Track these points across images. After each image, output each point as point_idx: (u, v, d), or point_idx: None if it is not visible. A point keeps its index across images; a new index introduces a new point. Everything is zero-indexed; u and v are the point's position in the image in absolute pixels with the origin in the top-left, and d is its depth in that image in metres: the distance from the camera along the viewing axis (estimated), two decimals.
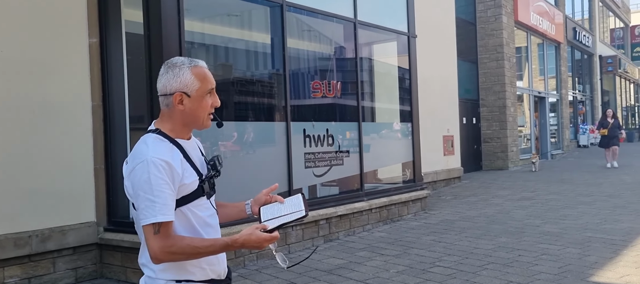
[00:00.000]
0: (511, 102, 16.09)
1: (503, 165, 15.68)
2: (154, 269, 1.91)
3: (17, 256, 4.89)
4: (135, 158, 1.87)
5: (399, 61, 8.91)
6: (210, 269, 1.97)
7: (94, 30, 5.51)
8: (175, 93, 1.91)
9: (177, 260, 1.87)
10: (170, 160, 1.85)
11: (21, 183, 4.90)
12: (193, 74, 1.92)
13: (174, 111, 1.94)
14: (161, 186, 1.80)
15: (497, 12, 15.75)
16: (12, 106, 4.87)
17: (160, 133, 1.94)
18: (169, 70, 1.93)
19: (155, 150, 1.85)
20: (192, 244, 1.85)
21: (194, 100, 1.93)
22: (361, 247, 6.42)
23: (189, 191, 1.91)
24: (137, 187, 1.83)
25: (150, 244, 1.82)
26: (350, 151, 7.45)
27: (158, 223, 1.80)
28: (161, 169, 1.81)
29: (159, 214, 1.79)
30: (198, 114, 1.95)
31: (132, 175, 1.85)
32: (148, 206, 1.80)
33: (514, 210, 8.62)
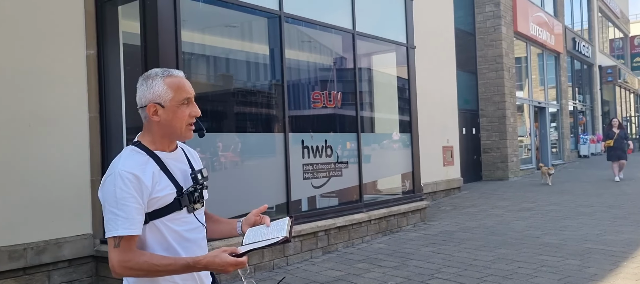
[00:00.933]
0: (511, 112, 16.07)
1: (503, 175, 15.63)
2: (130, 281, 1.91)
3: (12, 268, 4.84)
4: (109, 170, 1.87)
5: (398, 72, 8.91)
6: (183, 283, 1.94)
7: (91, 41, 5.51)
8: (149, 104, 1.89)
9: (135, 276, 1.85)
10: (140, 173, 1.84)
11: (16, 195, 4.87)
12: (166, 84, 1.90)
13: (151, 122, 1.93)
14: (126, 200, 1.79)
15: (496, 23, 15.78)
16: (8, 116, 4.85)
17: (140, 145, 1.93)
18: (144, 82, 1.93)
19: (126, 163, 1.85)
20: (150, 261, 1.81)
21: (169, 110, 1.90)
22: (360, 259, 6.38)
23: (163, 204, 1.88)
24: (104, 200, 1.84)
25: (110, 257, 1.81)
26: (349, 162, 7.42)
27: (118, 237, 1.78)
28: (127, 183, 1.80)
29: (121, 228, 1.78)
30: (174, 124, 1.93)
31: (102, 187, 1.86)
32: (111, 218, 1.80)
33: (513, 221, 8.57)
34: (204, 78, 6.60)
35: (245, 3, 6.14)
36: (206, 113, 6.35)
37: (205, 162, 5.74)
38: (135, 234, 1.81)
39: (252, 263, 5.82)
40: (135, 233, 1.81)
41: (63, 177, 5.21)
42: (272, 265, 6.04)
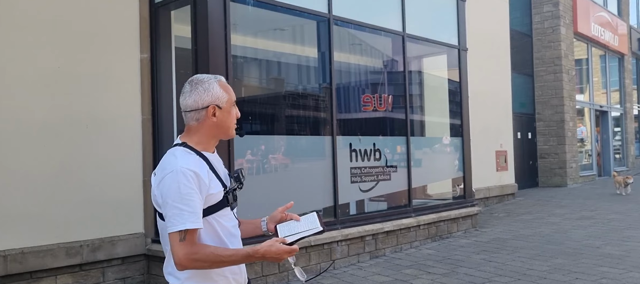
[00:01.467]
0: (570, 116, 15.43)
1: (561, 182, 15.01)
2: (179, 277, 1.97)
3: (69, 264, 5.04)
4: (165, 169, 1.94)
5: (449, 74, 8.72)
6: (233, 278, 2.04)
7: (145, 45, 5.67)
8: (209, 106, 2.00)
9: (200, 268, 1.92)
10: (198, 170, 1.93)
11: (73, 194, 5.06)
12: (221, 87, 2.04)
13: (204, 123, 2.02)
14: (190, 195, 1.87)
15: (555, 24, 15.20)
16: (67, 118, 5.06)
17: (187, 146, 2.01)
18: (197, 86, 2.02)
19: (184, 161, 1.92)
20: (216, 253, 1.91)
21: (224, 111, 2.04)
22: (408, 264, 6.26)
23: (215, 201, 1.98)
24: (166, 196, 1.89)
25: (175, 251, 1.87)
26: (398, 166, 7.31)
27: (184, 230, 1.86)
28: (190, 179, 1.88)
29: (188, 222, 1.85)
30: (228, 124, 2.06)
31: (162, 185, 1.92)
32: (176, 213, 1.85)
33: (572, 230, 8.19)
34: (252, 81, 6.67)
35: (294, 6, 6.16)
36: (255, 115, 6.42)
37: (256, 164, 5.80)
38: (200, 227, 1.90)
39: (298, 266, 5.81)
40: (200, 226, 1.90)
41: (117, 177, 5.38)
42: (318, 268, 6.02)
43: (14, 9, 4.82)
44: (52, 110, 4.97)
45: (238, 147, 5.42)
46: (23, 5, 4.86)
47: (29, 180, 4.81)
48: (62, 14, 5.08)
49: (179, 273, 1.96)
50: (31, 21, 4.90)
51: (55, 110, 4.99)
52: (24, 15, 4.87)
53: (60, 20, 5.07)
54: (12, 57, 4.78)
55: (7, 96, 4.73)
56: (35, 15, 4.92)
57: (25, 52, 4.85)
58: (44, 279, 4.91)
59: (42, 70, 4.94)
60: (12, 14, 4.80)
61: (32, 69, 4.88)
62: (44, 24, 4.97)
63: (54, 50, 5.01)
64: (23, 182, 4.78)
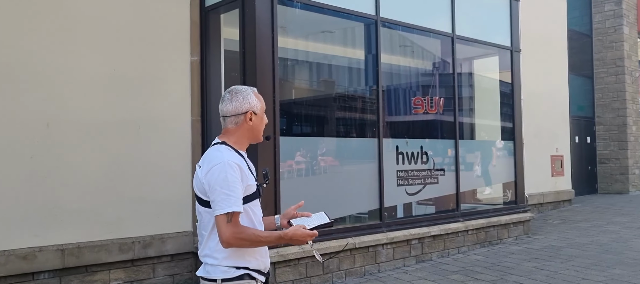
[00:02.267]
0: (633, 120, 14.69)
1: (622, 189, 14.31)
2: (217, 257, 2.27)
3: (122, 260, 5.24)
4: (212, 161, 2.24)
5: (501, 76, 8.49)
6: (261, 260, 2.35)
7: (195, 48, 5.83)
8: (248, 112, 2.35)
9: (242, 246, 2.23)
10: (241, 164, 2.26)
11: (126, 192, 5.26)
12: (256, 97, 2.39)
13: (242, 127, 2.37)
14: (235, 184, 2.19)
15: (617, 23, 14.52)
16: (120, 119, 5.27)
17: (227, 145, 2.34)
18: (237, 95, 2.36)
19: (229, 155, 2.26)
20: (256, 233, 2.23)
21: (258, 117, 2.40)
22: (455, 270, 6.13)
23: (250, 191, 2.30)
24: (215, 184, 2.18)
25: (222, 231, 2.17)
26: (446, 169, 7.18)
27: (231, 213, 2.16)
28: (236, 169, 2.21)
29: (234, 206, 2.16)
30: (260, 128, 2.43)
31: (210, 174, 2.20)
32: (224, 199, 2.16)
33: (632, 239, 7.79)
34: (299, 83, 6.72)
35: (341, 8, 6.17)
36: (301, 117, 6.47)
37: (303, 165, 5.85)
38: (242, 211, 2.22)
39: (343, 268, 5.81)
40: (242, 210, 2.21)
41: (167, 177, 5.55)
42: (363, 271, 5.99)
43: (72, 14, 5.06)
44: (107, 111, 5.19)
45: (284, 149, 5.48)
46: (80, 10, 5.10)
47: (85, 178, 5.04)
48: (116, 19, 5.30)
49: (217, 253, 2.26)
50: (88, 26, 5.13)
51: (109, 111, 5.20)
52: (81, 20, 5.10)
53: (115, 25, 5.28)
54: (71, 61, 5.02)
55: (66, 98, 4.97)
56: (91, 20, 5.16)
57: (83, 57, 5.09)
58: (98, 273, 5.13)
59: (98, 73, 5.16)
60: (69, 19, 5.05)
61: (89, 72, 5.11)
62: (100, 29, 5.20)
63: (109, 54, 5.23)
64: (80, 180, 5.01)
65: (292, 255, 5.31)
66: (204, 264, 2.31)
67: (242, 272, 2.26)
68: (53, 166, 4.88)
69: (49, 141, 4.87)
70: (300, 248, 5.35)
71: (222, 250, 2.24)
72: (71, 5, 5.06)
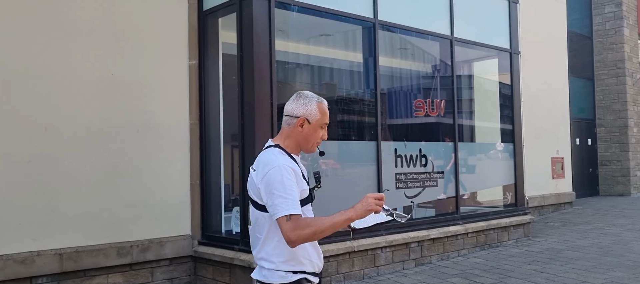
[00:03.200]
0: (634, 122, 14.66)
1: (624, 191, 14.27)
2: (274, 261, 2.26)
3: (120, 264, 5.24)
4: (267, 165, 2.23)
5: (500, 79, 8.48)
6: (316, 263, 2.34)
7: (193, 52, 5.83)
8: (300, 117, 2.32)
9: (308, 237, 2.17)
10: (295, 168, 2.26)
11: (124, 196, 5.26)
12: (317, 108, 2.34)
13: (293, 131, 2.34)
14: (292, 187, 2.18)
15: (617, 25, 14.51)
16: (119, 123, 5.27)
17: (280, 147, 2.33)
18: (300, 98, 2.35)
19: (283, 159, 2.26)
20: (315, 219, 2.20)
21: (312, 127, 2.34)
22: (454, 273, 6.11)
23: (303, 196, 2.28)
24: (272, 188, 2.18)
25: (285, 231, 2.15)
26: (446, 172, 7.17)
27: (290, 215, 2.14)
28: (291, 174, 2.21)
29: (292, 208, 2.15)
30: (310, 139, 2.36)
31: (266, 178, 2.20)
32: (281, 202, 2.15)
33: (633, 241, 7.76)
34: (297, 86, 6.71)
35: (339, 11, 6.17)
36: None
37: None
38: (301, 213, 2.19)
39: (342, 271, 5.80)
40: (301, 213, 2.19)
41: (166, 180, 5.55)
42: (362, 275, 5.98)
43: (70, 18, 5.07)
44: (105, 115, 5.19)
45: None
46: (78, 14, 5.11)
47: (83, 182, 5.04)
48: (114, 23, 5.31)
49: (274, 258, 2.25)
50: (86, 29, 5.14)
51: (108, 115, 5.21)
52: (79, 23, 5.11)
53: (112, 29, 5.29)
54: (68, 65, 5.03)
55: (64, 102, 4.98)
56: (89, 23, 5.17)
57: (80, 60, 5.09)
58: (96, 277, 5.12)
59: (96, 77, 5.17)
60: (67, 23, 5.06)
61: (86, 76, 5.12)
62: (98, 33, 5.21)
63: (107, 58, 5.24)
64: (78, 184, 5.01)
65: None
66: (260, 268, 2.30)
67: (300, 276, 2.27)
68: (51, 170, 4.88)
69: (46, 145, 4.87)
70: None
71: (279, 254, 2.25)
72: (68, 10, 5.07)
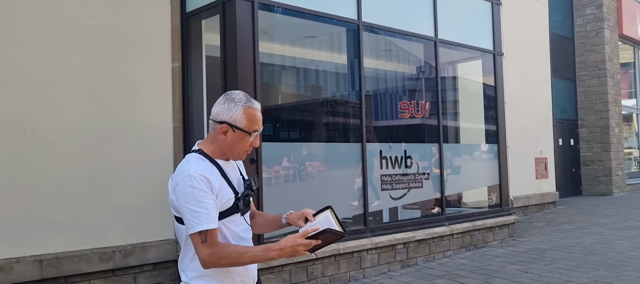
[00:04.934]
0: (616, 122, 14.85)
1: (606, 190, 14.45)
2: (188, 275, 2.09)
3: (102, 270, 5.15)
4: (179, 174, 2.05)
5: (484, 80, 8.53)
6: (240, 279, 2.13)
7: (176, 54, 5.76)
8: (223, 124, 2.08)
9: (224, 265, 2.03)
10: (209, 176, 2.02)
11: (106, 200, 5.18)
12: (244, 113, 2.08)
13: (217, 137, 2.12)
14: (204, 197, 1.97)
15: (598, 26, 14.69)
16: (100, 126, 5.19)
17: (202, 153, 2.12)
18: (227, 101, 2.10)
19: (197, 167, 2.04)
20: (237, 250, 2.02)
21: (237, 135, 2.09)
22: (440, 274, 6.12)
23: (225, 207, 2.07)
24: (182, 200, 1.99)
25: (199, 252, 1.98)
26: (431, 173, 7.18)
27: (204, 231, 1.96)
28: (202, 183, 1.98)
29: (204, 223, 1.96)
30: (234, 148, 2.12)
31: (177, 189, 2.02)
32: (194, 216, 1.96)
33: (616, 240, 7.85)
34: (281, 88, 6.69)
35: (323, 13, 6.16)
36: (283, 123, 6.43)
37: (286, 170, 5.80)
38: (217, 227, 2.00)
39: (327, 274, 5.77)
40: (217, 226, 2.00)
41: (149, 184, 5.47)
42: (348, 277, 5.96)
43: (50, 19, 4.98)
44: (87, 118, 5.11)
45: (267, 154, 5.44)
46: (58, 16, 5.03)
47: (63, 186, 4.95)
48: (96, 25, 5.22)
49: (188, 271, 2.09)
50: (66, 31, 5.05)
51: (89, 118, 5.12)
52: (59, 25, 5.03)
53: (94, 30, 5.21)
54: (48, 66, 4.94)
55: (44, 105, 4.89)
56: (70, 25, 5.08)
57: (60, 61, 5.00)
58: None
59: (76, 79, 5.08)
60: (47, 25, 4.97)
61: (67, 77, 5.03)
62: (79, 34, 5.12)
63: (88, 60, 5.16)
64: (58, 188, 4.92)
65: (276, 262, 5.26)
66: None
67: None
68: (31, 175, 4.79)
69: (26, 149, 4.78)
70: None
71: (193, 268, 2.06)
72: (48, 12, 4.98)
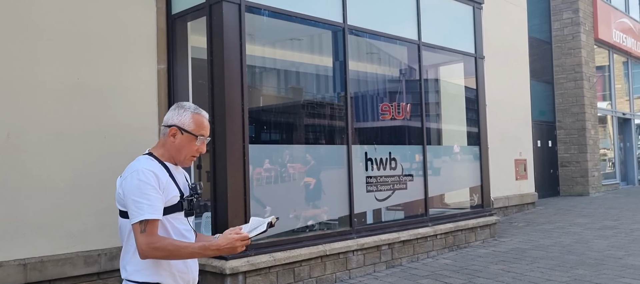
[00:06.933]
0: (591, 124, 15.19)
1: (583, 191, 14.76)
2: (127, 269, 2.18)
3: (87, 273, 5.10)
4: (127, 170, 2.19)
5: (466, 83, 8.66)
6: (180, 275, 2.22)
7: (162, 56, 5.75)
8: (172, 127, 2.25)
9: (160, 257, 2.11)
10: (157, 172, 2.16)
11: (92, 203, 5.13)
12: (192, 118, 2.26)
13: (166, 141, 2.28)
14: (148, 190, 2.09)
15: (574, 30, 15.02)
16: (85, 129, 5.15)
17: (152, 155, 2.27)
18: (177, 108, 2.28)
19: (145, 164, 2.18)
20: (174, 243, 2.11)
21: (185, 138, 2.25)
22: (424, 274, 6.20)
23: (170, 203, 2.19)
24: (128, 193, 2.10)
25: (138, 241, 2.07)
26: (414, 175, 7.27)
27: (145, 221, 2.06)
28: (149, 176, 2.11)
29: (146, 213, 2.06)
30: (182, 151, 2.27)
31: (124, 183, 2.14)
32: (137, 207, 2.07)
33: (593, 240, 8.04)
34: (268, 90, 6.72)
35: (309, 16, 6.19)
36: (270, 124, 6.44)
37: (272, 172, 5.82)
38: (158, 218, 2.10)
39: (314, 275, 5.80)
40: (158, 217, 2.10)
41: None
42: (334, 278, 6.00)
43: (34, 21, 4.93)
44: (71, 121, 5.06)
45: (253, 156, 5.45)
46: (43, 17, 4.97)
47: (48, 189, 4.90)
48: (80, 27, 5.18)
49: (129, 266, 2.17)
50: (50, 33, 5.01)
51: (74, 121, 5.08)
52: (44, 27, 4.97)
53: (79, 32, 5.17)
54: (33, 68, 4.88)
55: (28, 107, 4.83)
56: (54, 27, 5.03)
57: (45, 63, 4.95)
58: None
59: (61, 80, 5.04)
60: (32, 27, 4.91)
61: (52, 80, 4.98)
62: (64, 36, 5.07)
63: (74, 62, 5.11)
64: (42, 192, 4.87)
65: (262, 264, 5.28)
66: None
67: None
68: (14, 178, 4.73)
69: (9, 152, 4.72)
70: (271, 256, 5.32)
71: (133, 262, 2.14)
72: (33, 13, 4.92)
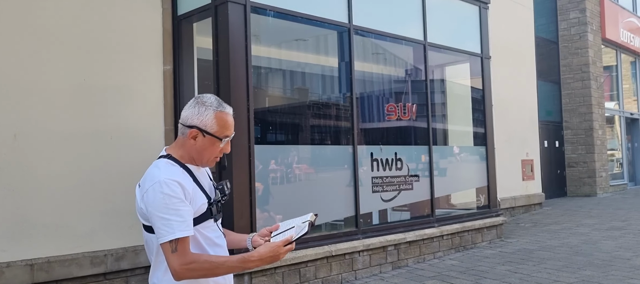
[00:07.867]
0: (599, 124, 15.10)
1: (590, 191, 14.67)
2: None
3: (94, 273, 5.11)
4: (148, 181, 1.92)
5: (472, 83, 8.63)
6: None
7: (168, 57, 5.75)
8: (193, 128, 1.99)
9: (197, 277, 1.91)
10: (182, 181, 1.92)
11: (98, 204, 5.15)
12: (215, 117, 2.00)
13: (186, 142, 2.02)
14: (176, 204, 1.85)
15: (581, 30, 14.94)
16: (92, 130, 5.16)
17: (171, 158, 2.01)
18: (197, 105, 2.01)
19: (168, 172, 1.92)
20: (210, 260, 1.90)
21: (207, 141, 2.00)
22: (430, 275, 6.18)
23: (198, 212, 1.97)
24: (152, 209, 1.86)
25: (170, 262, 1.85)
26: (421, 175, 7.25)
27: (175, 240, 1.83)
28: (175, 189, 1.87)
29: (177, 231, 1.83)
30: (204, 154, 2.03)
31: (146, 197, 1.89)
32: (165, 224, 1.83)
33: (601, 240, 7.99)
34: (274, 91, 6.72)
35: (314, 17, 6.19)
36: (275, 125, 6.45)
37: (278, 173, 5.82)
38: (190, 234, 1.88)
39: (320, 276, 5.80)
40: (190, 233, 1.87)
41: None
42: (340, 279, 5.99)
43: (40, 23, 4.95)
44: (78, 122, 5.08)
45: (259, 157, 5.45)
46: (48, 19, 5.00)
47: (54, 190, 4.91)
48: (87, 29, 5.20)
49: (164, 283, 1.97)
50: (56, 35, 5.02)
51: (80, 122, 5.09)
52: (50, 29, 4.99)
53: (85, 33, 5.19)
54: (39, 70, 4.90)
55: (34, 109, 4.85)
56: (60, 29, 5.05)
57: (51, 65, 4.97)
58: None
59: (67, 82, 5.05)
60: (38, 28, 4.93)
61: (58, 81, 5.00)
62: (70, 38, 5.09)
63: (80, 63, 5.13)
64: (49, 192, 4.89)
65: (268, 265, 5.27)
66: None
67: None
68: (21, 179, 4.75)
69: (16, 153, 4.74)
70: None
71: (169, 280, 1.92)
72: (39, 15, 4.95)
